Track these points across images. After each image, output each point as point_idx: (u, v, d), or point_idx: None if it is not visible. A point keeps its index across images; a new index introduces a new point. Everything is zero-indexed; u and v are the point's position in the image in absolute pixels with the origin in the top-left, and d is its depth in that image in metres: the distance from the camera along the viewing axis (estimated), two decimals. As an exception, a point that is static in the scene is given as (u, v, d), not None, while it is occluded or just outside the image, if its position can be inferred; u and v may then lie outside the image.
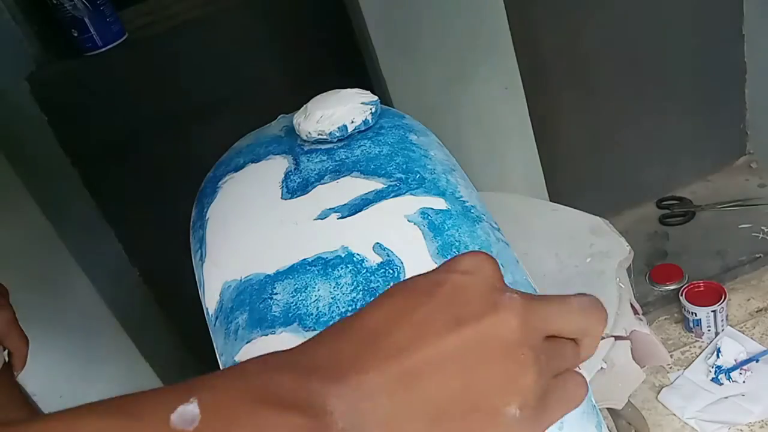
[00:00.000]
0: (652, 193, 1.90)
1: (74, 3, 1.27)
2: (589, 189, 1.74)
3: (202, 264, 0.65)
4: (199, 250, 0.67)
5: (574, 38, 1.64)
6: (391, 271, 0.54)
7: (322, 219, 0.60)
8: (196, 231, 0.70)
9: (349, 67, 1.38)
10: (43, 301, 1.27)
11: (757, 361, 1.40)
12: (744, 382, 1.38)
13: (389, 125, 0.71)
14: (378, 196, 0.61)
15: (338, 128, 0.68)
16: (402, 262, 0.55)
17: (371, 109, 0.70)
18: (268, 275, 0.57)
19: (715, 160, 1.93)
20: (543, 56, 1.61)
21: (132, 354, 1.38)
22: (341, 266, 0.55)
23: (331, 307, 0.53)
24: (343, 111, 0.69)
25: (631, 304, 0.96)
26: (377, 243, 0.56)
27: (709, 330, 1.49)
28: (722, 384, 1.39)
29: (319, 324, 0.52)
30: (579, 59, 1.67)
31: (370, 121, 0.70)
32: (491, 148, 1.42)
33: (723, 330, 1.49)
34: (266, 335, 0.54)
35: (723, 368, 1.40)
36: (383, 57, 1.27)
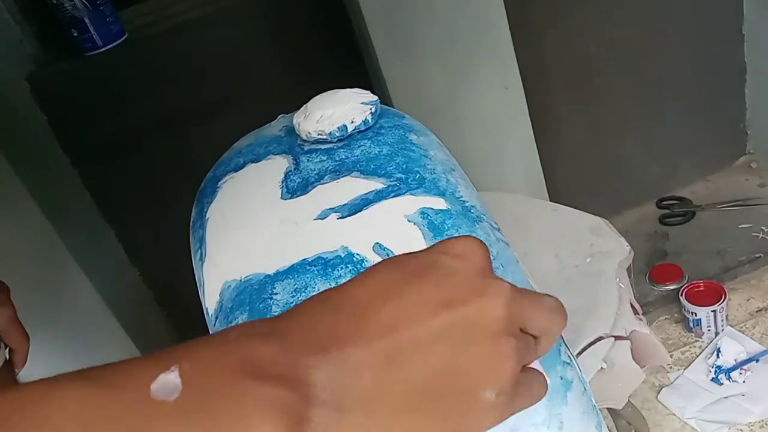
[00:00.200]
0: (652, 193, 1.90)
1: (74, 3, 1.28)
2: (589, 189, 1.74)
3: (201, 264, 0.65)
4: (199, 250, 0.67)
5: (574, 38, 1.64)
6: (391, 271, 0.54)
7: (322, 219, 0.60)
8: (196, 231, 0.70)
9: (349, 67, 1.38)
10: (43, 301, 1.27)
11: (757, 361, 1.40)
12: (744, 382, 1.38)
13: (389, 125, 0.71)
14: (378, 196, 0.61)
15: (338, 128, 0.68)
16: (402, 262, 0.54)
17: (371, 109, 0.70)
18: (268, 275, 0.57)
19: (715, 160, 1.93)
20: (543, 56, 1.61)
21: (132, 354, 1.38)
22: (341, 266, 0.55)
23: (331, 307, 0.53)
24: (343, 111, 0.69)
25: (631, 304, 0.96)
26: (377, 243, 0.56)
27: (709, 330, 1.49)
28: (722, 384, 1.39)
29: (319, 324, 0.52)
30: (579, 59, 1.67)
31: (369, 121, 0.70)
32: (491, 148, 1.42)
33: (723, 330, 1.49)
34: (266, 335, 0.54)
35: (723, 368, 1.40)
36: (383, 57, 1.27)
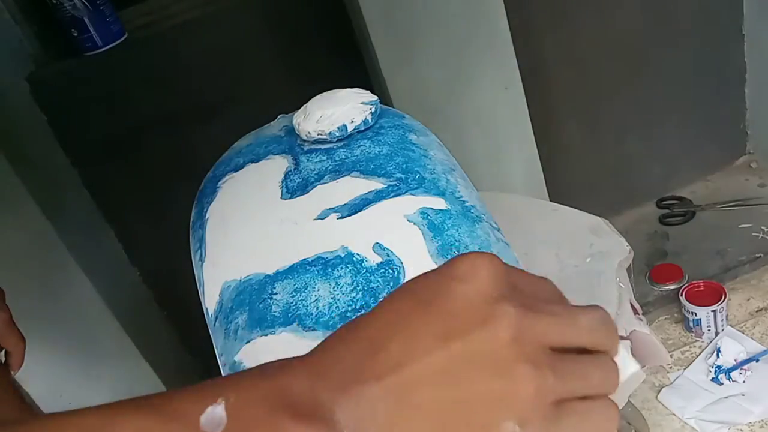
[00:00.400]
0: (652, 193, 1.90)
1: (74, 3, 1.28)
2: (589, 189, 1.74)
3: (201, 264, 0.65)
4: (199, 250, 0.67)
5: (575, 38, 1.64)
6: (391, 271, 0.54)
7: (321, 219, 0.60)
8: (195, 231, 0.70)
9: (349, 67, 1.38)
10: (42, 301, 1.27)
11: (757, 361, 1.40)
12: (744, 382, 1.38)
13: (389, 125, 0.71)
14: (378, 196, 0.61)
15: (338, 128, 0.68)
16: (402, 262, 0.55)
17: (371, 108, 0.70)
18: (267, 275, 0.57)
19: (715, 160, 1.93)
20: (543, 56, 1.61)
21: (132, 354, 1.38)
22: (341, 266, 0.55)
23: (330, 307, 0.53)
24: (342, 111, 0.69)
25: (631, 304, 0.96)
26: (377, 243, 0.56)
27: (709, 330, 1.49)
28: (722, 384, 1.39)
29: (318, 324, 0.52)
30: (579, 59, 1.67)
31: (369, 120, 0.70)
32: (491, 148, 1.42)
33: (723, 330, 1.49)
34: (266, 335, 0.54)
35: (723, 368, 1.40)
36: (383, 57, 1.27)
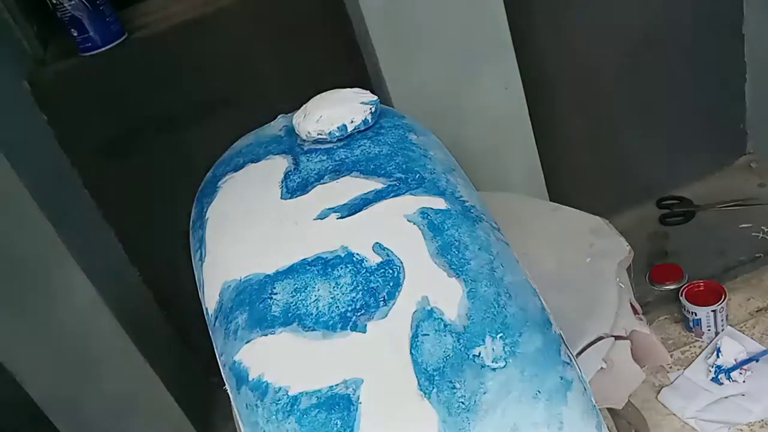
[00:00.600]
0: (652, 193, 1.90)
1: (74, 3, 1.28)
2: (589, 189, 1.74)
3: (201, 264, 0.65)
4: (199, 250, 0.67)
5: (574, 38, 1.64)
6: (391, 271, 0.54)
7: (321, 219, 0.60)
8: (195, 231, 0.70)
9: (349, 67, 1.38)
10: (42, 301, 1.27)
11: (757, 361, 1.40)
12: (744, 381, 1.38)
13: (389, 125, 0.71)
14: (378, 196, 0.61)
15: (338, 128, 0.68)
16: (402, 262, 0.55)
17: (371, 108, 0.70)
18: (267, 275, 0.57)
19: (715, 160, 1.92)
20: (543, 56, 1.61)
21: (132, 354, 1.38)
22: (341, 266, 0.55)
23: (330, 307, 0.53)
24: (342, 111, 0.69)
25: (631, 304, 0.96)
26: (377, 243, 0.56)
27: (709, 330, 1.49)
28: (722, 384, 1.39)
29: (318, 324, 0.52)
30: (579, 59, 1.67)
31: (369, 120, 0.70)
32: (491, 148, 1.42)
33: (723, 330, 1.49)
34: (266, 335, 0.54)
35: (723, 368, 1.40)
36: (383, 57, 1.27)
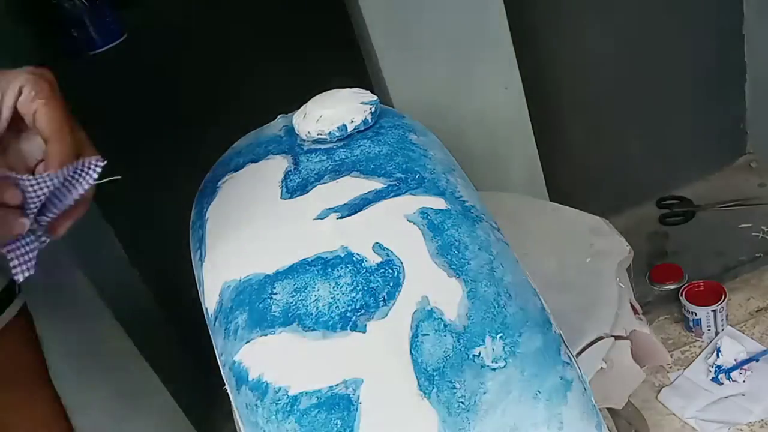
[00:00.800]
0: (652, 193, 1.90)
1: (74, 3, 1.28)
2: (589, 189, 1.74)
3: (201, 264, 0.65)
4: (199, 250, 0.67)
5: (574, 38, 1.64)
6: (391, 271, 0.54)
7: (321, 219, 0.60)
8: (195, 231, 0.70)
9: (349, 67, 1.38)
10: (42, 301, 1.27)
11: (757, 361, 1.40)
12: (744, 381, 1.38)
13: (389, 125, 0.71)
14: (377, 196, 0.61)
15: (338, 128, 0.68)
16: (401, 262, 0.55)
17: (371, 108, 0.70)
18: (267, 275, 0.57)
19: (715, 160, 1.93)
20: (543, 56, 1.61)
21: (132, 354, 1.38)
22: (341, 266, 0.55)
23: (330, 307, 0.53)
24: (342, 111, 0.69)
25: (631, 304, 0.96)
26: (377, 243, 0.56)
27: (709, 330, 1.49)
28: (722, 384, 1.39)
29: (318, 324, 0.52)
30: (579, 59, 1.67)
31: (369, 120, 0.70)
32: (491, 148, 1.42)
33: (723, 330, 1.49)
34: (266, 335, 0.54)
35: (723, 368, 1.40)
36: (383, 57, 1.27)
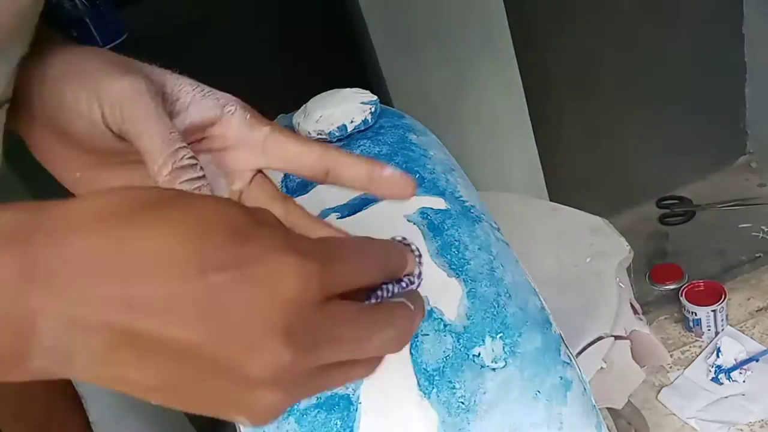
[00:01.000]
0: (652, 193, 1.90)
1: (74, 2, 1.28)
2: (589, 189, 1.74)
3: (201, 264, 0.65)
4: (199, 250, 0.67)
5: (574, 38, 1.64)
6: (391, 271, 0.54)
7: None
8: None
9: (349, 67, 1.38)
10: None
11: (757, 361, 1.40)
12: (744, 381, 1.38)
13: (389, 125, 0.71)
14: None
15: (338, 128, 0.68)
16: (402, 262, 0.54)
17: (371, 108, 0.70)
18: (267, 275, 0.57)
19: (715, 160, 1.93)
20: (543, 56, 1.61)
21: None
22: (341, 266, 0.55)
23: (330, 307, 0.53)
24: (342, 111, 0.69)
25: (631, 304, 0.96)
26: (377, 243, 0.56)
27: (709, 329, 1.49)
28: (722, 384, 1.39)
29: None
30: (579, 59, 1.67)
31: (369, 120, 0.70)
32: (491, 148, 1.42)
33: (723, 329, 1.49)
34: (266, 335, 0.53)
35: (723, 368, 1.40)
36: (383, 57, 1.27)
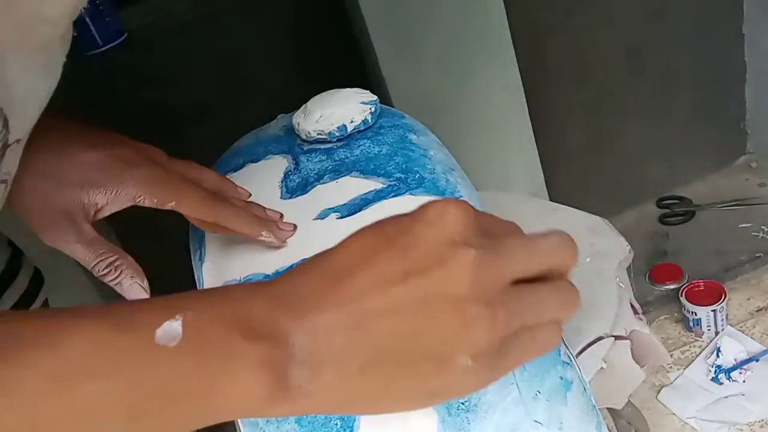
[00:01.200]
0: (652, 193, 1.90)
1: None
2: (589, 189, 1.74)
3: (201, 264, 0.65)
4: (199, 250, 0.67)
5: (574, 38, 1.64)
6: (391, 271, 0.54)
7: (321, 219, 0.60)
8: (195, 231, 0.70)
9: (349, 67, 1.38)
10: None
11: (757, 361, 1.40)
12: (744, 381, 1.38)
13: (389, 125, 0.71)
14: (377, 196, 0.61)
15: (338, 128, 0.68)
16: (401, 262, 0.54)
17: (371, 108, 0.70)
18: (267, 275, 0.57)
19: (715, 160, 1.93)
20: (543, 56, 1.61)
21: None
22: (341, 266, 0.55)
23: (330, 307, 0.53)
24: (342, 111, 0.69)
25: (631, 304, 0.96)
26: (377, 243, 0.56)
27: (709, 329, 1.49)
28: (722, 383, 1.39)
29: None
30: (579, 59, 1.67)
31: (369, 120, 0.70)
32: (491, 148, 1.42)
33: (723, 329, 1.49)
34: (266, 335, 0.53)
35: (723, 368, 1.40)
36: (383, 57, 1.27)
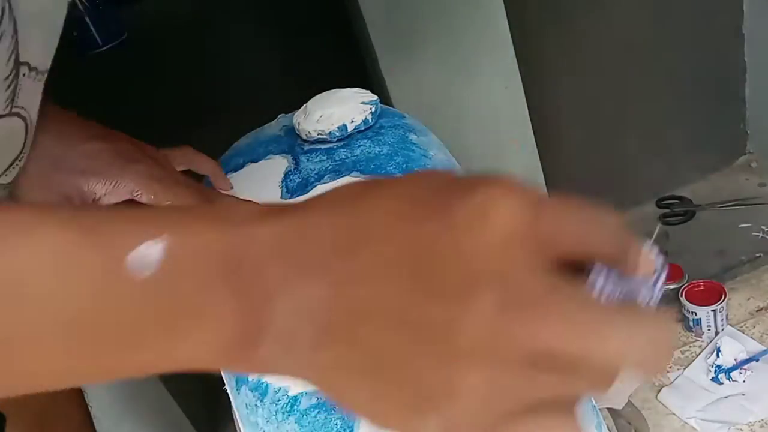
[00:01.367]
0: (652, 192, 1.90)
1: (74, 3, 1.28)
2: (589, 189, 1.74)
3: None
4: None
5: (574, 38, 1.64)
6: (391, 271, 0.54)
7: (321, 219, 0.60)
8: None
9: (349, 67, 1.38)
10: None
11: (758, 361, 1.40)
12: (744, 381, 1.38)
13: (389, 125, 0.71)
14: (378, 196, 0.61)
15: (338, 128, 0.68)
16: (402, 262, 0.54)
17: (371, 108, 0.70)
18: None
19: (715, 160, 1.92)
20: (543, 56, 1.61)
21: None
22: (341, 266, 0.55)
23: (330, 307, 0.53)
24: (342, 111, 0.69)
25: (631, 304, 0.96)
26: (377, 243, 0.56)
27: (709, 329, 1.49)
28: (722, 383, 1.39)
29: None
30: (579, 59, 1.67)
31: (369, 120, 0.70)
32: (491, 148, 1.42)
33: (723, 329, 1.49)
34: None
35: (723, 368, 1.40)
36: (383, 57, 1.27)
